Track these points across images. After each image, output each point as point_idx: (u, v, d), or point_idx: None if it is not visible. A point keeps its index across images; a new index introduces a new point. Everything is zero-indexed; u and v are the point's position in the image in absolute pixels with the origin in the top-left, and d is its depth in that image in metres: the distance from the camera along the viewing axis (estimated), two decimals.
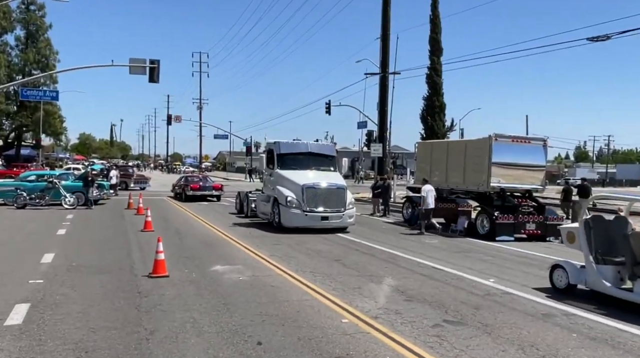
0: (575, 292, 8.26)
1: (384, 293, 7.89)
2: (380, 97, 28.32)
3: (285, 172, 15.16)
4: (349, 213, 14.90)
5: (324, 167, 15.81)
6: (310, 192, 14.41)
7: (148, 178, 35.70)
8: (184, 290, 7.71)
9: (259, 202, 16.82)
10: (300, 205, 14.36)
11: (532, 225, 14.80)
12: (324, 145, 17.06)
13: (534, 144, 15.86)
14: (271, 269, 9.46)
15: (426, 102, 42.05)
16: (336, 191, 14.70)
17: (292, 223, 14.38)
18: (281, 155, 15.52)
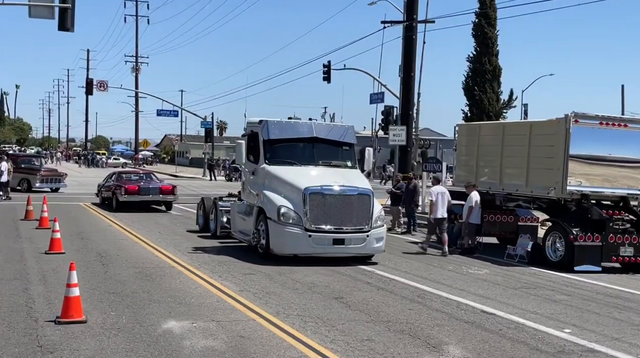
0: None
1: None
2: (405, 58, 28.33)
3: (278, 168, 14.40)
4: (377, 233, 13.99)
5: (338, 161, 15.18)
6: (316, 199, 13.51)
7: (63, 174, 34.95)
8: (108, 343, 7.71)
9: (234, 214, 16.03)
10: (301, 220, 13.43)
11: (629, 249, 14.87)
12: (337, 127, 15.99)
13: (634, 128, 15.91)
14: (240, 311, 9.51)
15: (472, 65, 42.38)
16: (357, 199, 13.83)
17: (286, 249, 13.60)
18: (271, 142, 14.73)
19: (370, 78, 37.84)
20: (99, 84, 58.34)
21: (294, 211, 13.46)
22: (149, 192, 24.97)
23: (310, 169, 14.47)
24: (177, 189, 25.85)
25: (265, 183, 14.33)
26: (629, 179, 15.98)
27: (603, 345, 8.48)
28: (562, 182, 15.40)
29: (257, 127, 14.99)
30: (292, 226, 13.44)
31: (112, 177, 26.86)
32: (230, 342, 7.94)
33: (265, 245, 13.81)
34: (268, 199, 13.91)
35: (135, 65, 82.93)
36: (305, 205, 13.42)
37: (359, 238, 13.70)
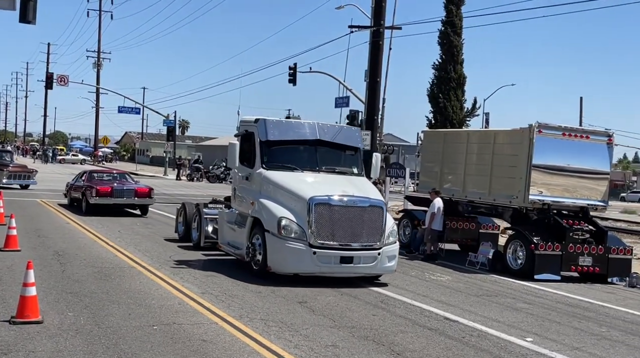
0: None
1: None
2: (371, 63, 28.38)
3: (277, 174, 12.91)
4: (389, 251, 12.46)
5: (343, 168, 13.77)
6: (323, 211, 11.95)
7: (33, 171, 33.44)
8: (66, 344, 7.52)
9: (222, 224, 14.34)
10: (304, 234, 11.86)
11: (587, 258, 15.11)
12: (343, 129, 14.46)
13: (595, 140, 16.21)
14: (203, 314, 9.36)
15: (438, 73, 42.74)
16: (368, 211, 12.26)
17: (287, 267, 11.97)
18: (269, 143, 13.21)
19: (336, 82, 37.89)
20: (60, 78, 57.26)
21: (296, 224, 11.90)
22: (123, 194, 22.72)
23: (314, 176, 13.04)
24: (154, 192, 23.75)
25: (262, 190, 12.82)
26: (589, 189, 16.26)
27: (564, 354, 8.56)
28: (524, 191, 15.57)
29: (253, 127, 13.46)
30: (294, 241, 11.84)
31: (82, 177, 24.53)
32: (192, 345, 7.79)
33: (262, 261, 12.20)
34: (266, 209, 12.34)
35: (97, 60, 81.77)
36: (309, 217, 11.83)
37: (370, 256, 12.14)
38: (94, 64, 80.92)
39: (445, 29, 41.38)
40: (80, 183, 23.98)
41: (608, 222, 31.61)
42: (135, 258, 13.76)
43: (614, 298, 13.29)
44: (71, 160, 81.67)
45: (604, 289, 14.33)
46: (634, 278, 15.03)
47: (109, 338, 7.86)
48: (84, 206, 22.74)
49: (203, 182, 53.77)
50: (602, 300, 12.93)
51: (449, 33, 41.47)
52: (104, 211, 22.18)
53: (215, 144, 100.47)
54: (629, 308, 12.26)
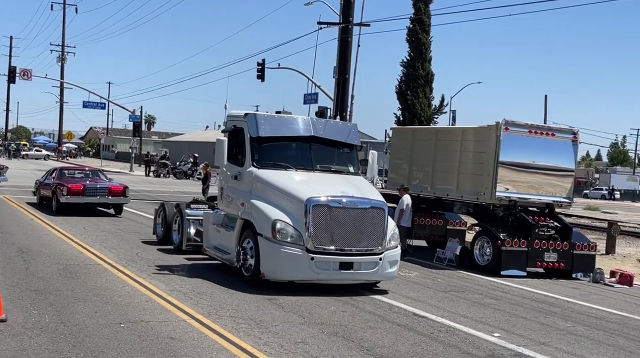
0: None
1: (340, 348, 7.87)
2: (340, 60, 28.44)
3: (269, 173, 12.01)
4: (391, 256, 11.71)
5: (339, 166, 12.96)
6: (321, 213, 11.12)
7: (3, 167, 32.27)
8: (31, 343, 7.39)
9: (208, 226, 13.34)
10: (301, 238, 11.05)
11: (552, 255, 15.33)
12: (339, 125, 13.65)
13: (560, 137, 16.44)
14: (171, 311, 9.28)
15: (406, 70, 42.90)
16: (369, 214, 11.47)
17: (282, 274, 11.18)
18: (260, 140, 12.34)
19: (304, 78, 37.84)
20: (22, 72, 56.32)
21: (292, 227, 11.08)
22: (96, 192, 21.51)
23: (309, 175, 12.21)
24: (129, 190, 22.47)
25: (253, 190, 11.93)
26: (554, 186, 16.49)
27: (531, 349, 8.67)
28: (491, 187, 15.74)
29: (242, 122, 12.59)
30: (290, 246, 11.03)
31: (52, 174, 23.24)
32: (160, 343, 7.71)
33: (254, 267, 11.36)
34: (258, 211, 11.50)
35: (61, 54, 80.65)
36: (307, 220, 11.01)
37: (371, 261, 11.39)
38: (58, 58, 79.80)
39: (414, 26, 41.54)
40: (50, 181, 22.69)
41: (572, 219, 32.13)
42: (102, 256, 13.57)
43: (579, 293, 13.52)
44: (34, 156, 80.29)
45: (569, 285, 14.56)
46: (597, 274, 15.30)
47: (74, 337, 7.74)
48: (54, 205, 21.57)
49: (170, 178, 53.32)
50: (567, 295, 13.14)
51: (418, 30, 41.64)
52: (76, 210, 21.09)
53: (182, 139, 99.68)
54: (592, 303, 12.47)
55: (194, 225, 14.55)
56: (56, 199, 21.41)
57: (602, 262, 17.58)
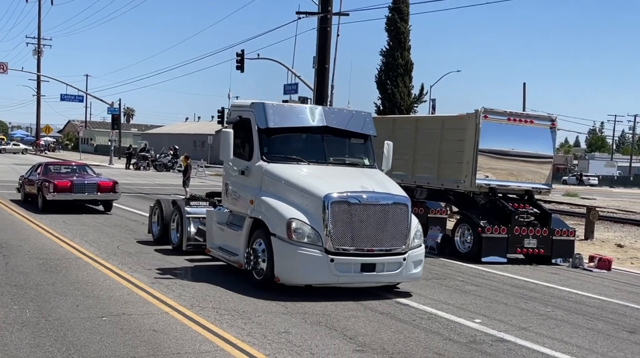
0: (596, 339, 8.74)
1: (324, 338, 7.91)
2: (319, 50, 28.39)
3: (281, 168, 11.16)
4: (415, 255, 10.88)
5: (354, 159, 12.15)
6: (341, 211, 10.24)
7: None
8: (12, 338, 7.35)
9: (211, 225, 12.35)
10: (319, 238, 10.17)
11: (532, 241, 15.48)
12: (352, 114, 12.59)
13: (539, 124, 16.57)
14: (153, 304, 9.26)
15: (385, 59, 43.00)
16: (393, 210, 10.61)
17: (299, 277, 10.26)
18: (269, 132, 11.43)
19: (284, 68, 37.75)
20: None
21: (309, 226, 10.19)
22: (84, 189, 20.56)
23: (323, 169, 11.35)
24: (118, 186, 21.50)
25: (263, 186, 11.09)
26: (533, 173, 16.64)
27: (512, 334, 8.77)
28: (471, 175, 15.85)
29: (249, 112, 11.68)
30: (307, 247, 10.12)
31: (37, 170, 22.19)
32: (143, 336, 7.69)
33: (267, 270, 10.42)
34: (270, 208, 10.63)
35: (38, 47, 79.84)
36: (325, 218, 10.14)
37: (394, 262, 10.56)
38: (34, 51, 79.02)
39: (392, 15, 41.62)
40: (35, 177, 21.63)
41: (551, 205, 32.47)
42: (82, 249, 13.49)
43: (558, 278, 13.67)
44: (12, 150, 79.44)
45: (549, 270, 14.72)
46: (576, 259, 15.47)
47: (56, 331, 7.70)
48: (40, 203, 20.59)
49: (150, 170, 53.03)
50: (546, 280, 13.28)
51: (396, 19, 41.73)
52: (63, 208, 20.29)
53: (162, 132, 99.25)
54: (572, 288, 12.62)
55: (194, 223, 13.59)
56: (42, 196, 20.49)
57: (581, 247, 17.78)
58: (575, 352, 8.12)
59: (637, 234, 23.68)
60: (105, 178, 22.33)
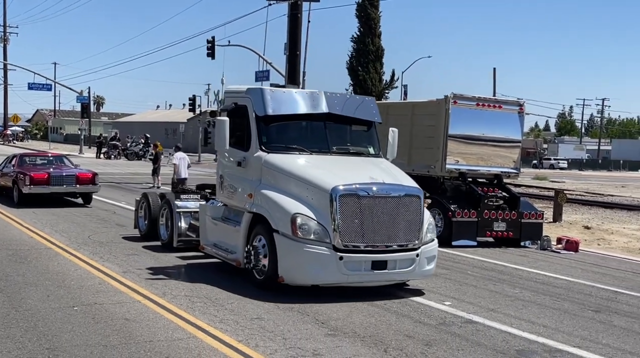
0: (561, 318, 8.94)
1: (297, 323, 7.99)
2: (290, 37, 28.34)
3: (282, 158, 10.38)
4: (429, 251, 10.22)
5: (359, 148, 11.38)
6: (350, 205, 9.52)
7: None
8: None
9: (205, 220, 11.59)
10: (327, 235, 9.44)
11: (501, 224, 15.71)
12: (356, 100, 12.02)
13: (507, 109, 16.77)
14: (125, 293, 9.25)
15: (356, 46, 43.07)
16: (404, 202, 9.90)
17: (306, 277, 9.53)
18: (268, 119, 10.65)
19: (256, 56, 37.62)
20: None
21: (316, 221, 9.46)
22: (62, 181, 19.70)
23: (327, 159, 10.62)
24: (98, 177, 20.66)
25: (263, 178, 10.32)
26: (502, 157, 16.86)
27: (480, 315, 8.93)
28: (441, 160, 16.01)
29: (245, 99, 10.84)
30: (314, 244, 9.39)
31: (11, 161, 21.36)
32: (115, 325, 7.70)
33: (270, 270, 9.69)
34: (272, 203, 9.87)
35: (4, 35, 78.47)
36: (333, 212, 9.40)
37: (407, 258, 9.86)
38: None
39: (363, 1, 41.61)
40: (10, 169, 20.84)
41: (521, 188, 32.92)
42: (52, 240, 13.40)
43: (527, 260, 13.91)
44: None
45: (517, 252, 14.97)
46: (545, 241, 15.75)
47: (27, 321, 7.67)
48: (15, 196, 19.79)
49: (121, 159, 52.58)
50: (515, 263, 13.51)
51: (367, 5, 41.74)
52: (40, 201, 19.54)
53: (132, 120, 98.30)
54: (540, 269, 12.86)
55: (185, 218, 12.81)
56: (18, 190, 19.72)
57: (550, 230, 18.09)
58: (542, 331, 8.31)
59: (604, 216, 24.15)
60: (84, 169, 21.53)
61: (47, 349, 6.76)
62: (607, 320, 9.08)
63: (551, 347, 7.65)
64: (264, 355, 6.86)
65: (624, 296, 10.76)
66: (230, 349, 7.03)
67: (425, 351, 7.27)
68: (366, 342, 7.52)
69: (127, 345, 7.01)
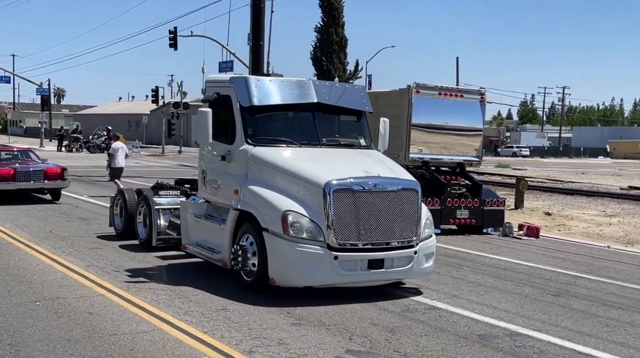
0: (522, 304, 9.12)
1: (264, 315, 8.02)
2: (253, 27, 28.19)
3: (270, 152, 9.84)
4: (427, 247, 9.79)
5: (349, 139, 10.82)
6: (344, 200, 9.00)
7: None
8: None
9: (187, 218, 11.03)
10: (321, 233, 8.92)
11: (464, 211, 15.93)
12: (345, 88, 11.38)
13: (469, 98, 16.97)
14: (88, 287, 9.18)
15: (320, 36, 43.09)
16: (401, 196, 9.41)
17: (299, 278, 8.97)
18: (254, 110, 10.05)
19: (219, 46, 37.37)
20: None
21: (308, 219, 8.91)
22: (29, 177, 18.86)
23: (317, 152, 10.07)
24: (67, 172, 19.76)
25: (250, 173, 9.74)
26: (464, 146, 17.07)
27: (444, 302, 9.07)
28: (405, 149, 16.15)
29: (228, 88, 10.25)
30: (307, 243, 8.87)
31: None
32: (78, 319, 7.64)
33: (259, 271, 9.16)
34: (261, 200, 9.31)
35: None
36: (326, 209, 8.88)
37: (405, 256, 9.37)
38: None
39: None
40: None
41: (484, 176, 33.39)
42: (13, 234, 13.20)
43: (489, 247, 14.14)
44: None
45: (480, 239, 15.20)
46: (506, 228, 16.01)
47: None
48: None
49: (83, 152, 51.86)
50: (478, 249, 13.73)
51: None
52: (6, 198, 18.63)
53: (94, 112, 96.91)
54: (501, 256, 13.09)
55: (164, 216, 12.26)
56: None
57: (512, 217, 18.40)
58: (503, 316, 8.48)
59: (564, 202, 24.64)
60: (53, 164, 20.72)
61: (9, 345, 6.69)
62: (567, 304, 9.30)
63: (512, 331, 7.81)
64: (230, 346, 6.89)
65: (583, 280, 11.03)
66: (196, 340, 7.03)
67: (389, 338, 7.37)
68: (331, 330, 7.59)
69: (91, 338, 6.96)
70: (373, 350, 6.95)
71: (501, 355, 6.96)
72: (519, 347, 7.25)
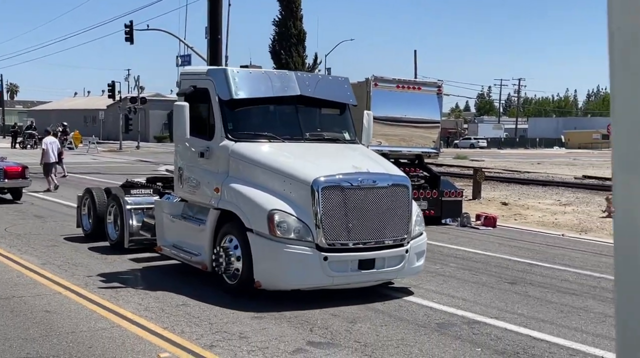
0: (478, 292, 9.30)
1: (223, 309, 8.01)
2: (210, 20, 27.98)
3: (252, 147, 9.34)
4: (418, 246, 9.39)
5: (334, 133, 10.41)
6: (333, 198, 8.56)
7: None
8: None
9: (162, 218, 10.47)
10: (309, 232, 8.46)
11: (423, 203, 16.06)
12: (328, 80, 11.18)
13: (426, 91, 17.16)
14: (44, 285, 9.06)
15: (278, 29, 42.95)
16: (391, 192, 9.01)
17: (287, 281, 8.48)
18: (234, 103, 9.53)
19: (176, 40, 36.99)
20: None
21: (296, 218, 8.44)
22: None
23: (302, 147, 9.64)
24: (28, 171, 19.08)
25: (231, 171, 9.23)
26: (423, 138, 17.26)
27: (402, 292, 9.20)
28: (365, 143, 16.19)
29: (206, 81, 9.68)
30: (295, 243, 8.40)
31: None
32: (35, 317, 7.53)
33: (243, 274, 8.64)
34: (244, 199, 8.78)
35: None
36: (315, 207, 8.42)
37: (396, 255, 8.95)
38: None
39: None
40: None
41: (443, 168, 33.77)
42: None
43: (447, 237, 14.34)
44: None
45: (439, 230, 15.39)
46: (464, 218, 16.26)
47: None
48: None
49: (37, 149, 50.83)
50: (437, 240, 13.87)
51: None
52: None
53: (49, 108, 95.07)
54: (460, 245, 13.30)
55: (137, 216, 11.66)
56: None
57: (469, 207, 18.66)
58: (461, 304, 8.63)
59: (520, 192, 25.09)
60: (12, 162, 19.81)
61: None
62: (523, 291, 9.50)
63: (470, 319, 7.96)
64: (190, 341, 6.87)
65: (538, 268, 11.28)
66: (156, 336, 7.00)
67: (349, 328, 7.44)
68: (292, 322, 7.63)
69: (48, 337, 6.87)
70: (334, 341, 7.01)
71: (459, 343, 7.09)
72: (477, 334, 7.40)
